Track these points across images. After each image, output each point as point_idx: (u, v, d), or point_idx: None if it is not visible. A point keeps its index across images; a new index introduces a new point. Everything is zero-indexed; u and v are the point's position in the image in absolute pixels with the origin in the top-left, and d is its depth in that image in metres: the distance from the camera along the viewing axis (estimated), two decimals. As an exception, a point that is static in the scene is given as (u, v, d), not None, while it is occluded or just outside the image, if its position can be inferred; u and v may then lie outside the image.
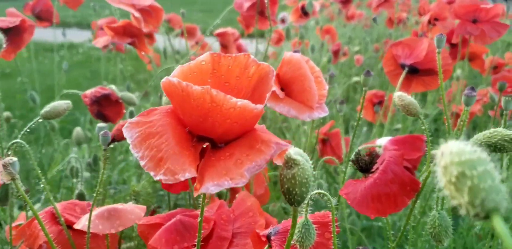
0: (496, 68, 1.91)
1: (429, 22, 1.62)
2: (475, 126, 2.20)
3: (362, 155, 0.68)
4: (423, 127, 0.65)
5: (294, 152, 0.41)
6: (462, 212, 0.25)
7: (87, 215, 0.72)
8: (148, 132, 0.45)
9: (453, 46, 1.74)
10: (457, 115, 1.76)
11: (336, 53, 2.54)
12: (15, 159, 0.59)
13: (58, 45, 6.14)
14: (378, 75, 2.46)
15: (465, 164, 0.25)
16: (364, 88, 0.79)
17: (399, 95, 0.64)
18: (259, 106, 0.42)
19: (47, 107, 0.78)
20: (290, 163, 0.40)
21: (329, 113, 2.12)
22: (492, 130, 0.56)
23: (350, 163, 0.69)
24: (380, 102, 1.80)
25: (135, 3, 0.97)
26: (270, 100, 0.78)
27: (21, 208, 1.26)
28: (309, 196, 0.54)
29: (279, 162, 0.47)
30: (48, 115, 0.78)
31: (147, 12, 1.01)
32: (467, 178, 0.25)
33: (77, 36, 6.13)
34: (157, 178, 0.42)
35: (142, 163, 0.43)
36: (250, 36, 2.58)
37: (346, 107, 2.51)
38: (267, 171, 1.43)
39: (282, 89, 0.82)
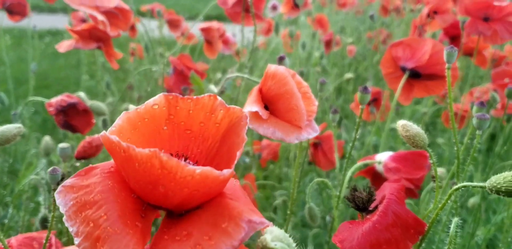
0: (496, 61, 1.82)
1: (428, 15, 1.51)
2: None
3: (359, 190, 0.58)
4: (431, 161, 0.55)
5: (271, 236, 0.31)
6: None
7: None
8: (85, 200, 0.34)
9: (453, 40, 1.63)
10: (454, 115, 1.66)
11: (328, 43, 2.42)
12: None
13: (43, 32, 5.97)
14: (372, 67, 2.36)
15: None
16: (360, 107, 0.68)
17: (403, 125, 0.54)
18: (226, 173, 0.32)
19: (-6, 133, 0.67)
20: (266, 252, 0.30)
21: (320, 108, 2.01)
22: (517, 173, 0.46)
23: (345, 199, 0.59)
24: (375, 100, 1.70)
25: (98, 5, 0.85)
26: (253, 122, 0.68)
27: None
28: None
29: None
30: (-5, 142, 0.67)
31: (113, 15, 0.89)
32: None
33: (63, 22, 5.96)
34: (93, 264, 0.32)
35: (76, 241, 0.33)
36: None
37: (339, 99, 2.41)
38: (254, 180, 1.34)
39: (265, 107, 0.72)
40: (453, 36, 1.61)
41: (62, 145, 0.80)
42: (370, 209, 0.58)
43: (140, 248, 0.33)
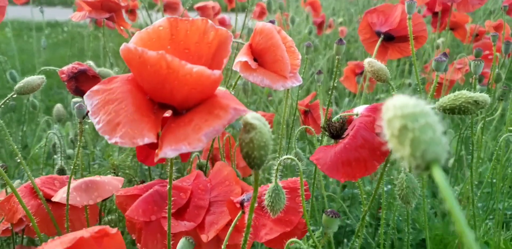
0: (477, 36, 1.92)
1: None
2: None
3: (333, 121, 0.69)
4: (393, 93, 0.66)
5: (251, 116, 0.41)
6: (404, 164, 0.26)
7: (65, 188, 0.73)
8: (108, 98, 0.45)
9: (435, 15, 1.73)
10: (438, 84, 1.76)
11: (320, 25, 2.52)
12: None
13: (42, 24, 6.06)
14: (363, 47, 2.46)
15: (407, 117, 0.25)
16: (337, 57, 0.79)
17: (369, 62, 0.65)
18: (217, 72, 0.42)
19: (21, 83, 0.77)
20: (247, 127, 0.41)
21: (314, 87, 2.10)
22: (456, 92, 0.57)
23: (322, 129, 0.70)
24: (363, 73, 1.80)
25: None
26: (243, 71, 0.78)
27: (3, 186, 1.26)
28: (278, 162, 0.55)
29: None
30: (23, 91, 0.77)
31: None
32: (408, 131, 0.25)
33: (61, 14, 6.04)
34: (112, 141, 0.42)
35: (97, 127, 0.43)
36: (234, 10, 2.55)
37: (331, 80, 2.51)
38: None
39: (255, 59, 0.82)
40: (435, 11, 1.71)
41: (75, 99, 0.91)
42: (343, 136, 0.69)
43: (153, 131, 0.43)
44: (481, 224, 1.07)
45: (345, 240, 1.23)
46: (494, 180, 1.26)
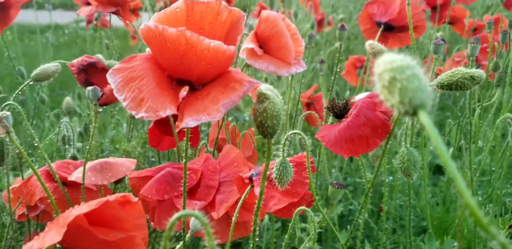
0: (476, 30, 1.95)
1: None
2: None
3: (337, 102, 0.72)
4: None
5: (265, 87, 0.45)
6: (395, 112, 0.29)
7: (80, 168, 0.76)
8: (130, 76, 0.48)
9: (434, 9, 1.77)
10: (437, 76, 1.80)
11: (320, 22, 2.56)
12: (8, 113, 0.63)
13: (43, 27, 6.10)
14: (362, 42, 2.49)
15: (396, 70, 0.29)
16: (339, 43, 0.82)
17: (370, 44, 0.68)
18: (232, 48, 0.46)
19: (37, 70, 0.81)
20: (261, 97, 0.44)
21: (315, 82, 2.13)
22: (453, 69, 0.60)
23: (326, 110, 0.73)
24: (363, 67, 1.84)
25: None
26: (249, 58, 0.82)
27: (16, 176, 1.30)
28: (286, 137, 0.59)
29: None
30: (38, 78, 0.81)
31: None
32: (397, 81, 0.29)
33: (62, 17, 6.08)
34: (138, 116, 0.45)
35: (124, 104, 0.47)
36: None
37: (331, 74, 2.55)
38: (255, 134, 1.48)
39: (260, 46, 0.85)
40: (434, 6, 1.75)
41: (89, 87, 0.94)
42: (346, 116, 0.72)
43: (174, 104, 0.47)
44: (480, 208, 1.11)
45: (349, 227, 1.27)
46: (493, 169, 1.30)
